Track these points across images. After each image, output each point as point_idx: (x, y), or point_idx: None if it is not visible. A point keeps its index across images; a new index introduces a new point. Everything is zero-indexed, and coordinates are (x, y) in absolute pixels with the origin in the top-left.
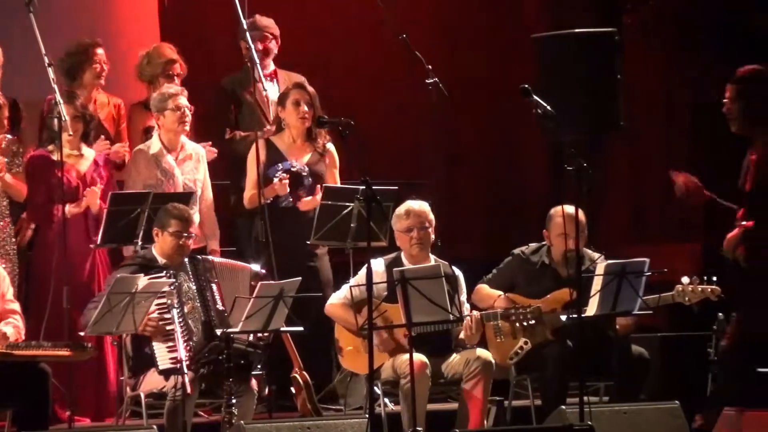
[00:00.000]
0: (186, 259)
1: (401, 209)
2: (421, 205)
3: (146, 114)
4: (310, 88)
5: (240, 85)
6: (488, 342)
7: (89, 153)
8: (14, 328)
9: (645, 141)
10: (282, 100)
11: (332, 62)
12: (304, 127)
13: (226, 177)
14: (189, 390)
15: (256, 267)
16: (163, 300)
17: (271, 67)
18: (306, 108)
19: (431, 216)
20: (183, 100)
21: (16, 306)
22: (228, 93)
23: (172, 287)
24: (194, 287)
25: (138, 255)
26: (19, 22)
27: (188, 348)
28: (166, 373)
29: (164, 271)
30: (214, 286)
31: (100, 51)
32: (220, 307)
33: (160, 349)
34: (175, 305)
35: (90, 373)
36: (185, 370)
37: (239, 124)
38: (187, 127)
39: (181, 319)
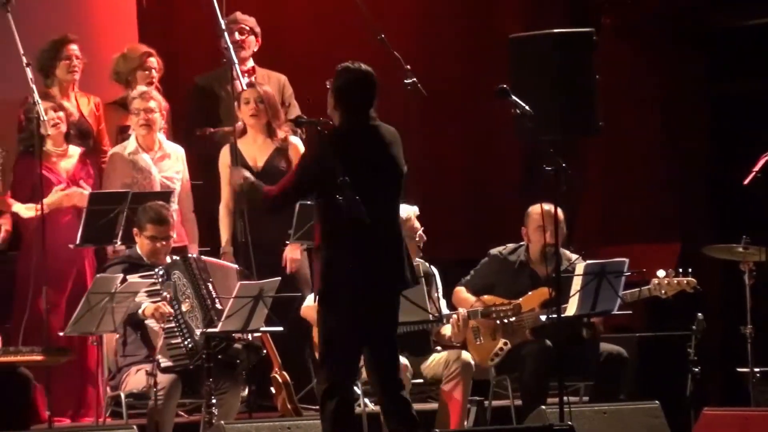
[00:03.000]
0: (178, 258)
1: None
2: (407, 211)
3: (120, 113)
4: (264, 87)
5: (217, 81)
6: (468, 344)
7: (74, 151)
8: None
9: (619, 141)
10: (237, 101)
11: (310, 63)
12: (260, 125)
13: (200, 177)
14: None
15: (236, 266)
16: (158, 298)
17: (250, 63)
18: (255, 105)
19: (417, 224)
20: (140, 104)
21: None
22: (202, 90)
23: (166, 285)
24: (190, 286)
25: (124, 254)
26: None
27: (189, 348)
28: (167, 371)
29: (155, 270)
30: (210, 285)
31: (72, 46)
32: (218, 306)
33: (161, 349)
34: (173, 304)
35: (70, 373)
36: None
37: (216, 122)
38: (160, 128)
39: (180, 318)
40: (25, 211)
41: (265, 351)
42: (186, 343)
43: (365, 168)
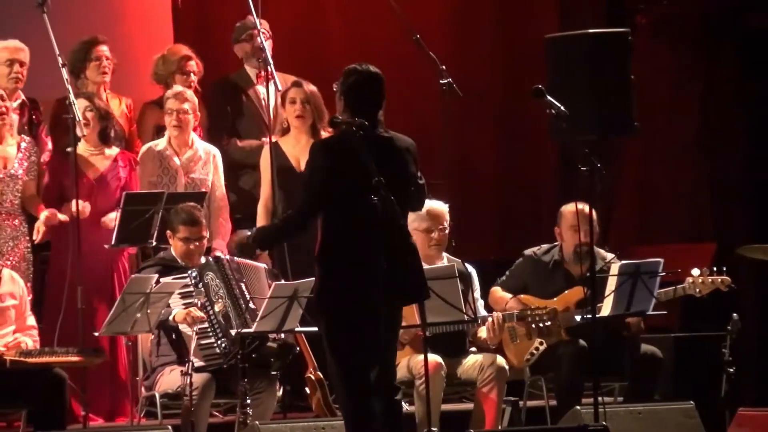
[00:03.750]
0: (211, 259)
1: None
2: (441, 206)
3: (158, 112)
4: (310, 86)
5: (236, 86)
6: (503, 344)
7: (109, 152)
8: (33, 342)
9: (655, 141)
10: (282, 100)
11: (343, 63)
12: (305, 126)
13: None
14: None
15: (264, 265)
16: (191, 300)
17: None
18: (301, 105)
19: (448, 217)
20: (174, 104)
21: (32, 321)
22: (221, 95)
23: (199, 286)
24: (223, 287)
25: (158, 256)
26: (32, 23)
27: (223, 347)
28: (200, 371)
29: (188, 271)
30: (243, 285)
31: (102, 47)
32: (251, 306)
33: (195, 350)
34: (206, 305)
35: (105, 373)
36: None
37: (237, 127)
38: (192, 128)
39: (213, 318)
40: (43, 221)
41: (298, 348)
42: (219, 343)
43: (365, 174)
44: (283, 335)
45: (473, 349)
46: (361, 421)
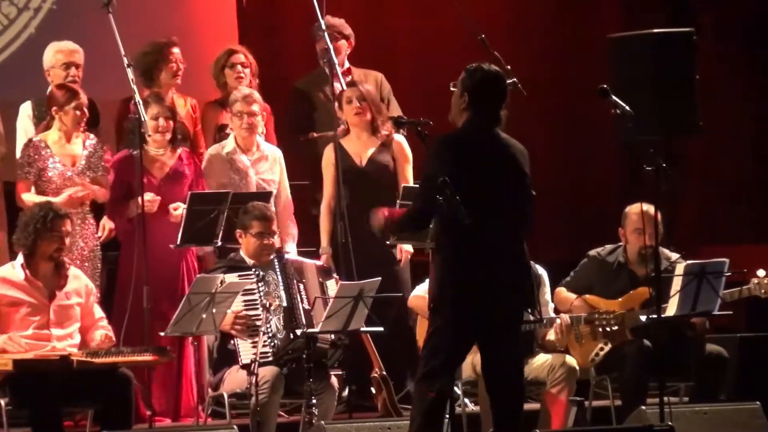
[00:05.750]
0: (275, 259)
1: None
2: None
3: (219, 112)
4: (366, 86)
5: (315, 85)
6: (569, 344)
7: (177, 152)
8: (105, 335)
9: (719, 140)
10: (339, 102)
11: (407, 62)
12: (363, 122)
13: (307, 178)
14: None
15: (318, 262)
16: (252, 297)
17: (345, 65)
18: (358, 103)
19: None
20: (245, 107)
21: (100, 312)
22: (301, 94)
23: (260, 285)
24: (282, 287)
25: (229, 257)
26: (97, 23)
27: (273, 346)
28: (248, 367)
29: (252, 271)
30: (302, 286)
31: (175, 50)
32: (306, 306)
33: (244, 345)
34: (265, 304)
35: (170, 373)
36: (255, 371)
37: (315, 125)
38: (260, 131)
39: (268, 318)
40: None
41: (341, 343)
42: (271, 343)
43: (489, 176)
44: (332, 337)
45: (538, 350)
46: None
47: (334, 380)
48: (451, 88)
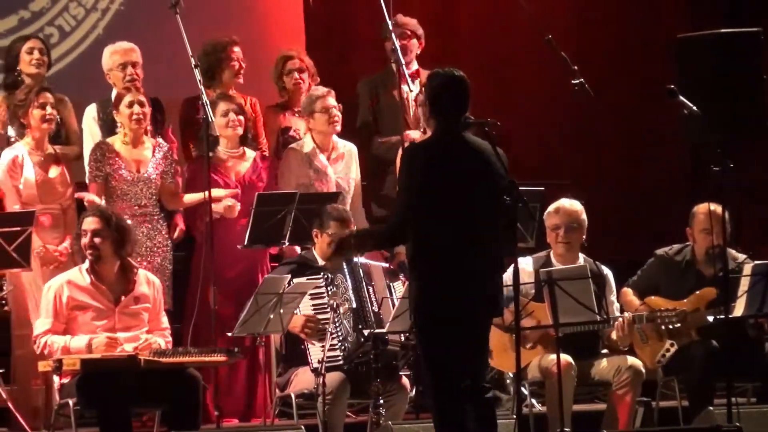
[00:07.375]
0: (344, 261)
1: (552, 206)
2: (573, 204)
3: (280, 115)
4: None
5: (382, 84)
6: (634, 345)
7: (250, 154)
8: (165, 342)
9: None
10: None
11: (477, 64)
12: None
13: (363, 178)
14: (331, 389)
15: (385, 264)
16: (322, 301)
17: (414, 66)
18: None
19: (583, 216)
20: (331, 101)
21: (166, 322)
22: (366, 93)
23: (330, 288)
24: (351, 289)
25: (300, 254)
26: (165, 23)
27: (343, 349)
28: (315, 370)
29: (321, 273)
30: (371, 289)
31: (236, 49)
32: (375, 308)
33: (314, 348)
34: (334, 306)
35: (237, 373)
36: (322, 371)
37: (377, 124)
38: (338, 128)
39: (337, 320)
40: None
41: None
42: (341, 345)
43: (460, 181)
44: (401, 336)
45: (605, 351)
46: (452, 421)
47: (405, 381)
48: (420, 96)
